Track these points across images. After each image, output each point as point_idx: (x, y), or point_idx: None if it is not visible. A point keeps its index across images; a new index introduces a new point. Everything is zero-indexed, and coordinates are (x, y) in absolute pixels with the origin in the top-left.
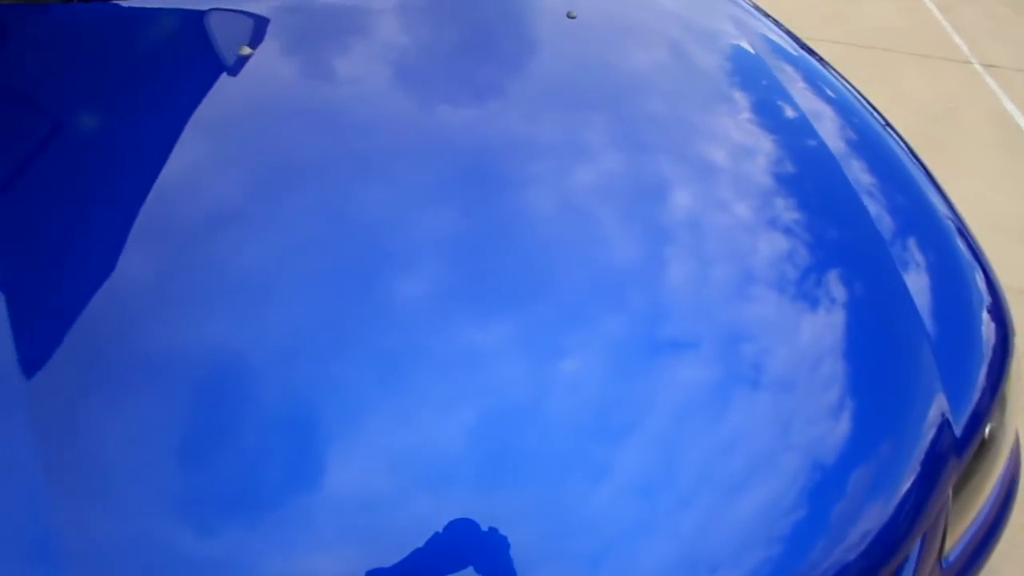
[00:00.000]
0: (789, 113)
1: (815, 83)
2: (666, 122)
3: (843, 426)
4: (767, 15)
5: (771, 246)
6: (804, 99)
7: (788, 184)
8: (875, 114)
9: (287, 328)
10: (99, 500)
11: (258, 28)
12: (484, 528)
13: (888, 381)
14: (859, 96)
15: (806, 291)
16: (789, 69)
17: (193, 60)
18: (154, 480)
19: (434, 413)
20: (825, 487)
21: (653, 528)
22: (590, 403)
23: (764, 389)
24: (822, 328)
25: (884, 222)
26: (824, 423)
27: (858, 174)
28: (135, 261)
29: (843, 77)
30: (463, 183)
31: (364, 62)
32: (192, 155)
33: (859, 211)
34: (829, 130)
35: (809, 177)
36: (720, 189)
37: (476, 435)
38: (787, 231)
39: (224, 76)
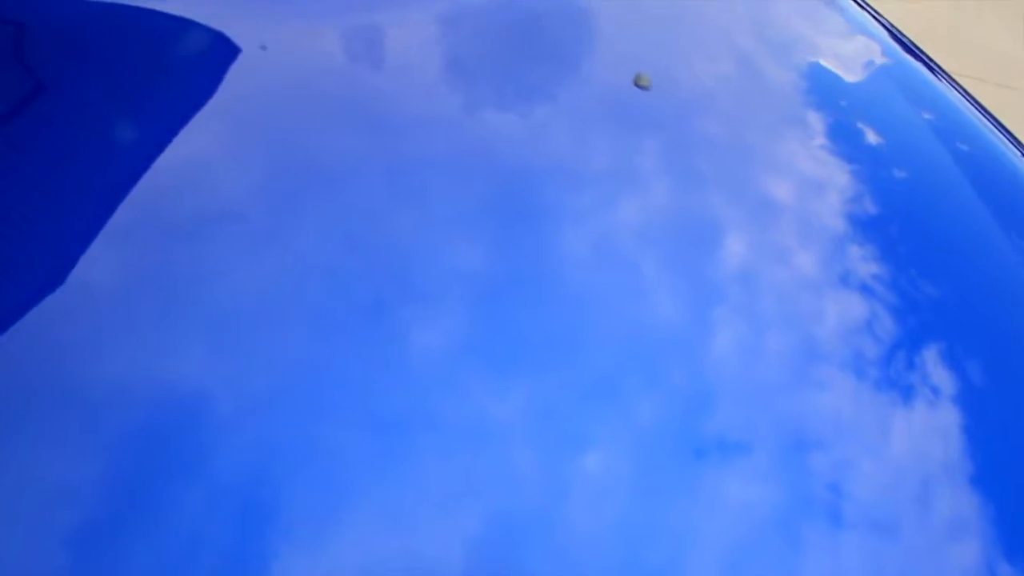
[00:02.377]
0: (907, 148)
1: (942, 114)
2: (736, 153)
3: None
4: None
5: (876, 321)
6: (926, 130)
7: (898, 237)
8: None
9: (262, 369)
10: None
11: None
12: None
13: None
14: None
15: (921, 383)
16: (910, 95)
17: (214, 56)
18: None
19: (428, 504)
20: None
21: None
22: (619, 517)
23: (849, 527)
24: (941, 438)
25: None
26: None
27: (998, 236)
28: (105, 264)
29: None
30: (498, 212)
31: (403, 73)
32: (194, 153)
33: (997, 281)
34: (964, 175)
35: (927, 230)
36: (807, 240)
37: (477, 540)
38: (899, 301)
39: (247, 73)
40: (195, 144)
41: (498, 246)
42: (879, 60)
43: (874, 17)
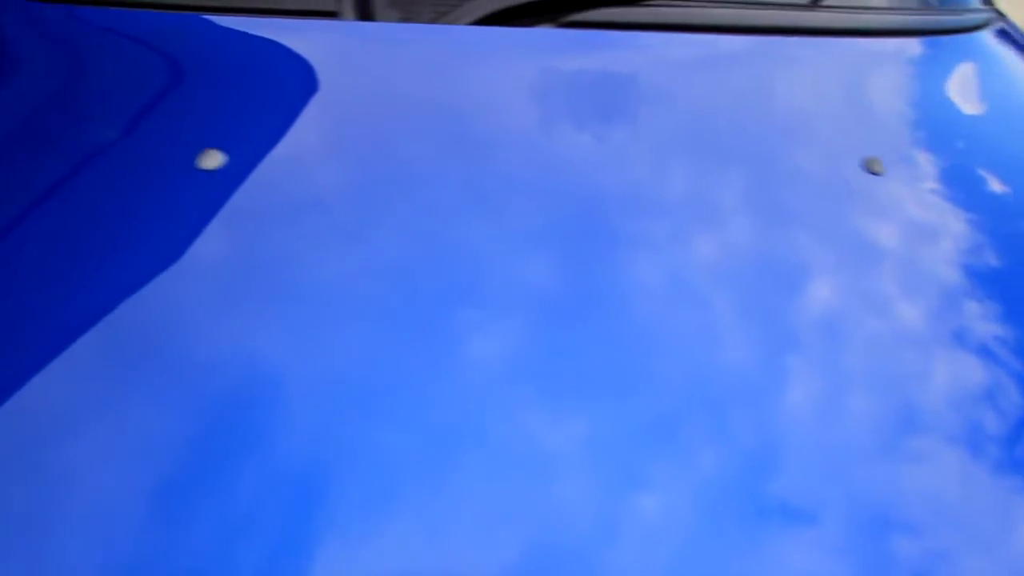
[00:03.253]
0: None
1: None
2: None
3: None
4: None
5: (972, 382)
6: None
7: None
8: None
9: (330, 355)
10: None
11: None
12: None
13: None
14: None
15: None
16: None
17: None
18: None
19: (465, 519)
20: None
21: None
22: (659, 565)
23: None
24: None
25: None
26: None
27: None
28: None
29: None
30: (573, 235)
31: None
32: (302, 154)
33: None
34: None
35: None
36: (906, 290)
37: (507, 565)
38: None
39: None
40: (305, 146)
41: (576, 270)
42: None
43: None
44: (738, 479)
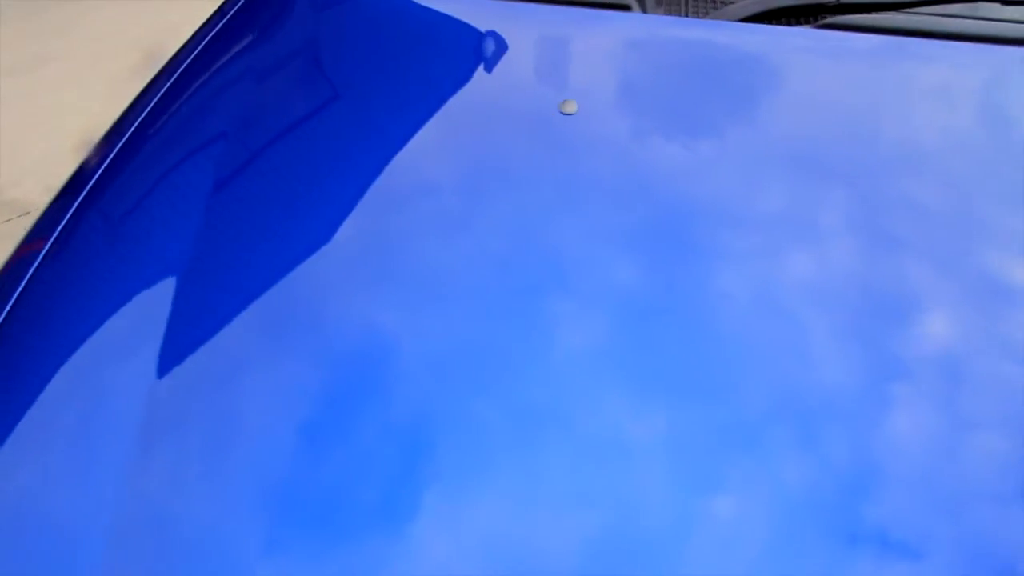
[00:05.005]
0: None
1: None
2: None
3: None
4: None
5: None
6: None
7: None
8: None
9: (429, 330)
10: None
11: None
12: None
13: None
14: None
15: None
16: None
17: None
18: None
19: (555, 501)
20: None
21: None
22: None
23: None
24: None
25: None
26: None
27: None
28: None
29: None
30: (667, 240)
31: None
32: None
33: None
34: None
35: None
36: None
37: (580, 547)
38: None
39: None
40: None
41: (670, 271)
42: None
43: None
44: (811, 494)
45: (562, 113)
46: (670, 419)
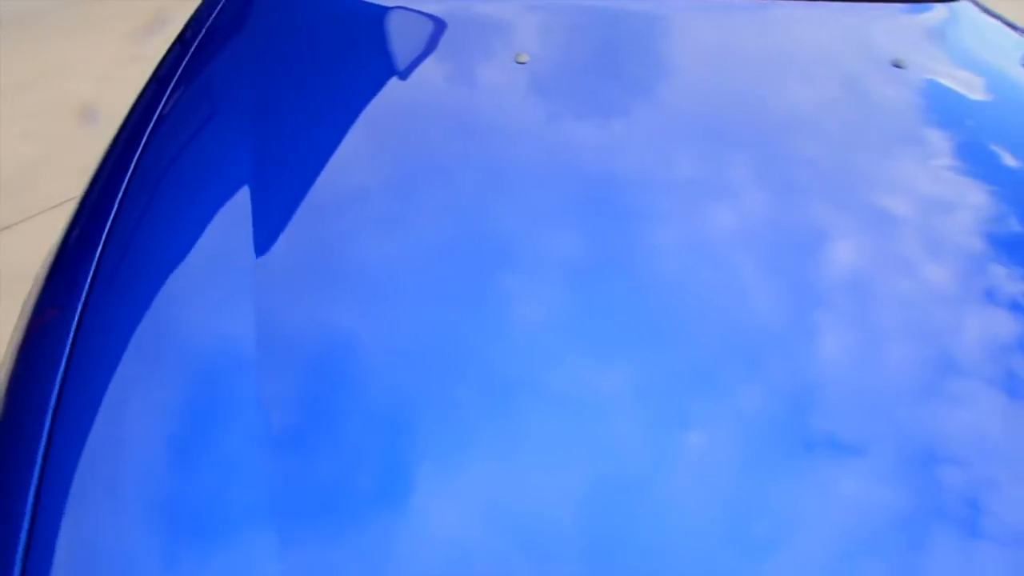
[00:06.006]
0: None
1: None
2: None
3: None
4: None
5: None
6: None
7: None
8: None
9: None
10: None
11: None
12: None
13: None
14: None
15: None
16: None
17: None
18: None
19: (537, 459)
20: None
21: None
22: (721, 495)
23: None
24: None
25: None
26: None
27: None
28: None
29: None
30: (604, 210)
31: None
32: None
33: None
34: None
35: None
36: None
37: (581, 499)
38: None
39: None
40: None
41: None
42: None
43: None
44: (772, 414)
45: (517, 63)
46: (631, 367)
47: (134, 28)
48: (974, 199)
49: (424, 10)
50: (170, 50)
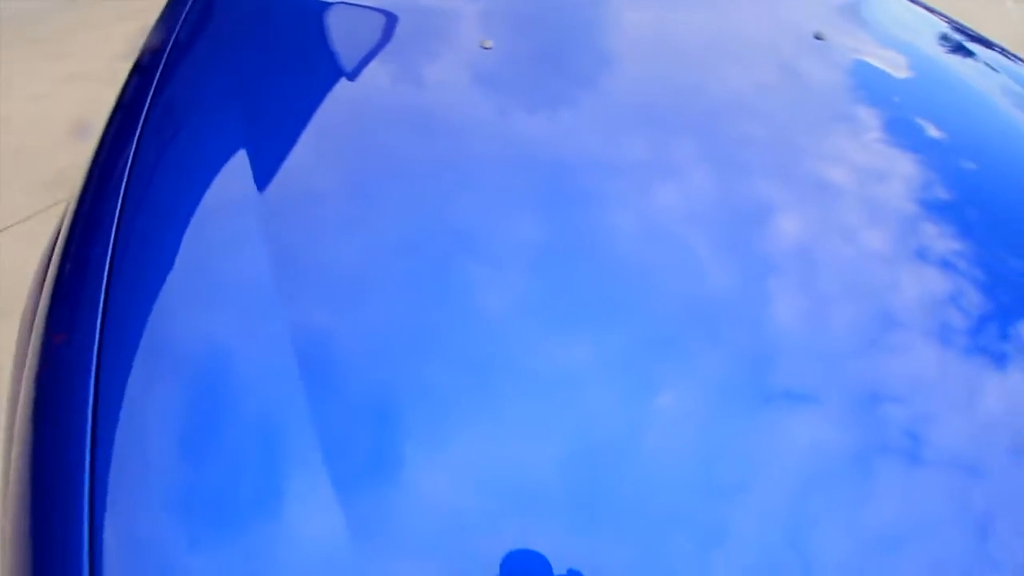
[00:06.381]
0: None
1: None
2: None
3: None
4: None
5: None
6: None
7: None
8: None
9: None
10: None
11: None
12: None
13: None
14: None
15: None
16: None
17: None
18: None
19: (522, 428)
20: None
21: None
22: (692, 448)
23: (916, 463)
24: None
25: None
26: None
27: None
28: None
29: None
30: (561, 197)
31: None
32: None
33: None
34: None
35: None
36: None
37: (561, 463)
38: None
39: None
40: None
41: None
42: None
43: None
44: (731, 373)
45: (482, 47)
46: (600, 339)
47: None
48: (899, 164)
49: None
50: (143, 54)
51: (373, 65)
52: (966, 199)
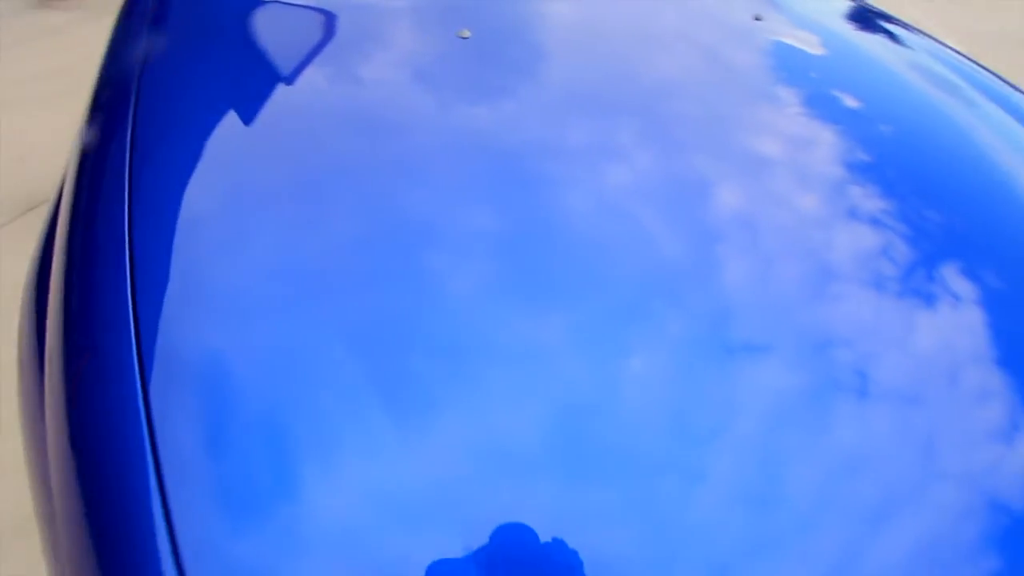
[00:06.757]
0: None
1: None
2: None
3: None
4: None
5: (869, 240)
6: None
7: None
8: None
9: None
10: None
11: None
12: (552, 526)
13: None
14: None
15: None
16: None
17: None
18: None
19: (502, 400)
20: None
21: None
22: (661, 400)
23: (869, 399)
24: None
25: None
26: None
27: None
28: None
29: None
30: (516, 181)
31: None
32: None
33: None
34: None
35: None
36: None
37: (543, 426)
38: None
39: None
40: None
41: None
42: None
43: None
44: (691, 331)
45: (460, 37)
46: (565, 312)
47: None
48: (826, 133)
49: None
50: (110, 54)
51: (312, 67)
52: (885, 161)
